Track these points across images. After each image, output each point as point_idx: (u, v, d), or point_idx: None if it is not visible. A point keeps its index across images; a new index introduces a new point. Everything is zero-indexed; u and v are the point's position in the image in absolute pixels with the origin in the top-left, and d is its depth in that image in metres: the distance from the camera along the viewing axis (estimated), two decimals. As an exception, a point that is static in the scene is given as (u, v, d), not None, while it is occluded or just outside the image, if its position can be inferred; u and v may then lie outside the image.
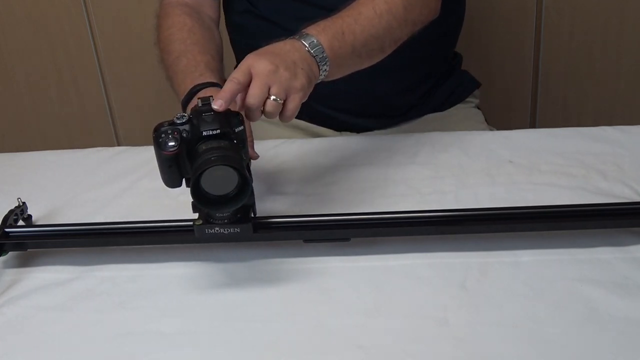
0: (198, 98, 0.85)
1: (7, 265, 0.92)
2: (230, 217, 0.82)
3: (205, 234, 0.83)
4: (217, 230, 0.83)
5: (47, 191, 1.06)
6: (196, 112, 0.82)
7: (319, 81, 0.92)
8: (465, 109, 1.30)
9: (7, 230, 0.91)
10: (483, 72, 1.38)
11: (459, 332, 0.76)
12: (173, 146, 0.81)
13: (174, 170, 0.83)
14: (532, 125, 1.89)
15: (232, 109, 0.84)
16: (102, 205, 1.02)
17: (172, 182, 0.85)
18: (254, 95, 0.84)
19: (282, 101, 0.85)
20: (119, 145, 1.95)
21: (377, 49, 1.01)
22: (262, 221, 0.87)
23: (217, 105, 0.81)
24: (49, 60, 1.87)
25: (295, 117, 1.21)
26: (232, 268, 0.88)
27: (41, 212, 1.01)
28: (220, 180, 0.78)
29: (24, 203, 0.96)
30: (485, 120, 1.32)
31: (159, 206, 1.00)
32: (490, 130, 1.29)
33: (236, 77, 0.84)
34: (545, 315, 0.77)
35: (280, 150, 1.12)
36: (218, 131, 0.81)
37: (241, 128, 0.83)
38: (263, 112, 0.85)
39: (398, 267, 0.86)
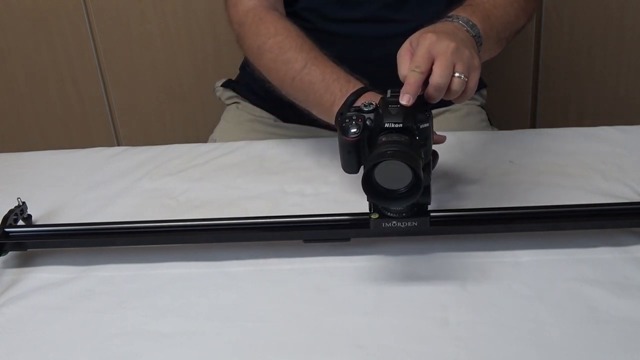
0: (388, 90, 0.83)
1: (7, 265, 0.92)
2: (408, 211, 0.81)
3: (382, 227, 0.82)
4: (394, 224, 0.82)
5: (47, 191, 1.06)
6: (384, 102, 0.81)
7: None
8: (469, 106, 1.30)
9: (7, 230, 0.91)
10: (483, 72, 1.36)
11: (459, 332, 0.76)
12: (355, 133, 0.80)
13: (352, 156, 0.81)
14: (532, 125, 1.89)
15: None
16: (102, 205, 1.02)
17: (349, 167, 0.83)
18: (441, 75, 0.81)
19: (466, 79, 0.83)
20: (119, 145, 1.95)
21: (506, 37, 1.00)
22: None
23: (405, 100, 0.79)
24: (49, 60, 1.87)
25: (296, 118, 1.19)
26: (231, 268, 0.88)
27: (41, 212, 1.01)
28: (393, 175, 0.76)
29: (24, 203, 0.96)
30: (489, 119, 1.32)
31: (159, 206, 1.01)
32: (492, 130, 1.28)
33: (418, 65, 0.81)
34: (545, 315, 0.77)
35: (281, 150, 1.12)
36: (400, 125, 0.78)
37: (426, 125, 0.79)
38: (448, 90, 0.83)
39: (398, 267, 0.86)
